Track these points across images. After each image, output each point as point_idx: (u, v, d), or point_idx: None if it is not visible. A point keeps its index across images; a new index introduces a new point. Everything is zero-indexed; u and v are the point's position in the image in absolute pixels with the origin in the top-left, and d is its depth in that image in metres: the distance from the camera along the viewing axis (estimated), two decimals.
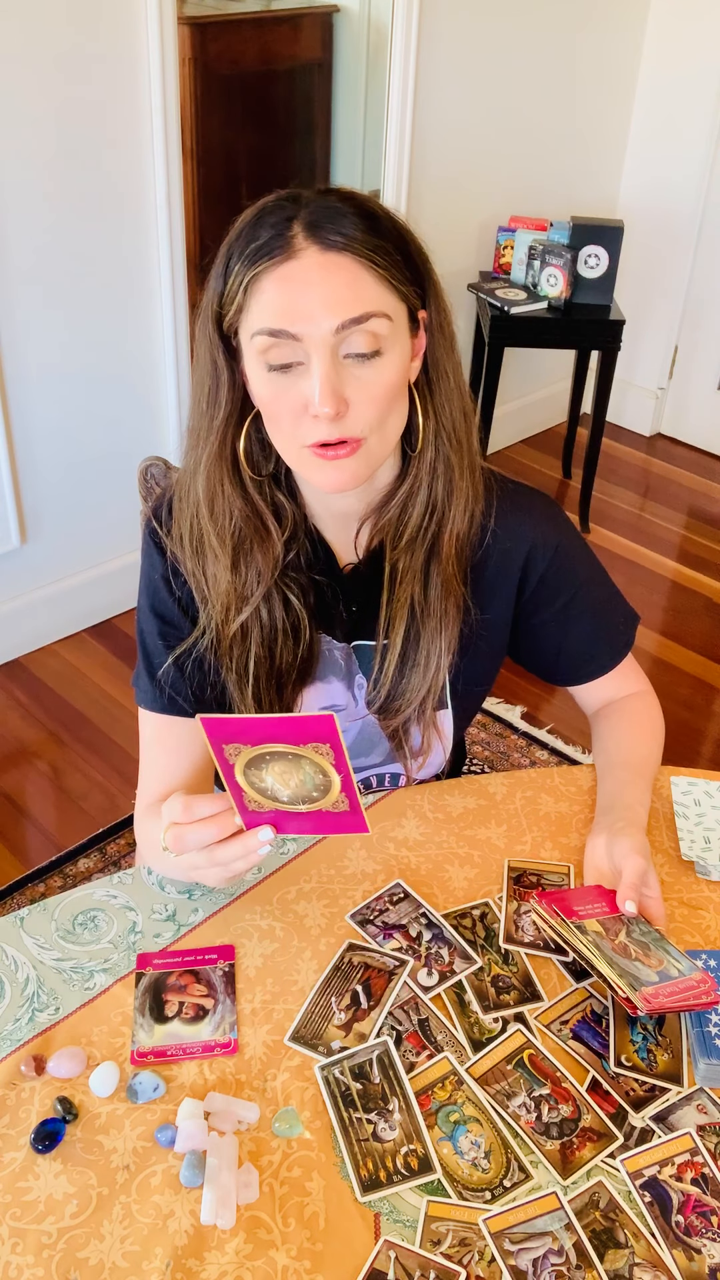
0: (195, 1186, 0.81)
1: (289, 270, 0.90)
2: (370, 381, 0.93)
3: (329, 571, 1.09)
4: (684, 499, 3.49)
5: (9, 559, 2.50)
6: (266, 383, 0.93)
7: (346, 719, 1.14)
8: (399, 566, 1.06)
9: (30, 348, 2.32)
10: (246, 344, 0.94)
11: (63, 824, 2.18)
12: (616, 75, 3.37)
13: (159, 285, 2.48)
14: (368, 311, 0.90)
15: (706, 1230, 0.82)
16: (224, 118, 3.80)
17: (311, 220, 0.90)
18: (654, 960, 0.96)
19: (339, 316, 0.89)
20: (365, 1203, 0.82)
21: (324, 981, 0.97)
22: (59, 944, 1.00)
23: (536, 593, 1.15)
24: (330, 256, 0.89)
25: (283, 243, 0.90)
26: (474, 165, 3.07)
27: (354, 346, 0.91)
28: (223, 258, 0.94)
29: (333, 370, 0.91)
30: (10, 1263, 0.78)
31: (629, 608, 1.23)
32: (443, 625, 1.08)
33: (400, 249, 0.94)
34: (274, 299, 0.90)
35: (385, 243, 0.92)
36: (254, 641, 1.06)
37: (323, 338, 0.90)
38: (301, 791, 0.85)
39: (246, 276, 0.91)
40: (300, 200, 0.92)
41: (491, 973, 0.99)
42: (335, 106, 4.04)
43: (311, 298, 0.89)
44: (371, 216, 0.92)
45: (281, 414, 0.94)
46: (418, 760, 1.16)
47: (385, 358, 0.93)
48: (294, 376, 0.92)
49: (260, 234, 0.91)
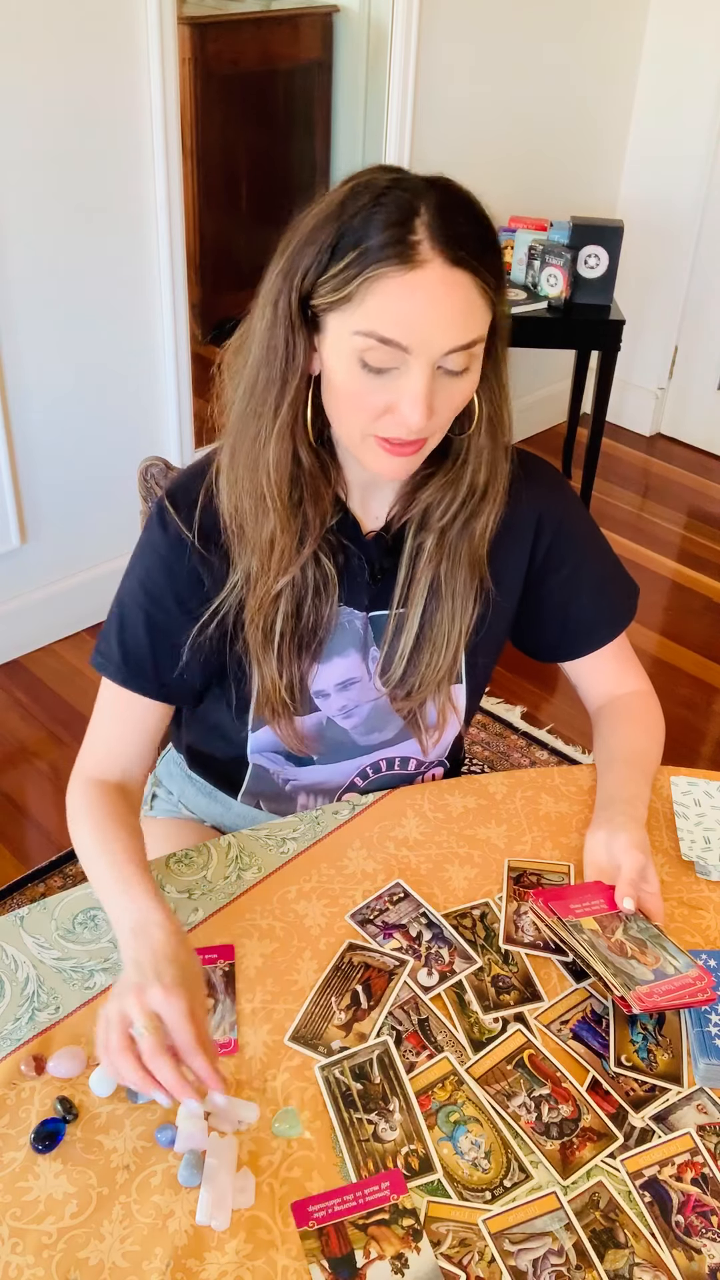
0: (194, 1186, 0.81)
1: (414, 280, 0.88)
2: (453, 393, 0.94)
3: (353, 538, 1.09)
4: (684, 499, 3.49)
5: (9, 559, 2.50)
6: (354, 378, 0.93)
7: (362, 694, 1.15)
8: (424, 545, 1.07)
9: (30, 348, 2.32)
10: (340, 334, 0.92)
11: (63, 824, 2.16)
12: (616, 75, 3.37)
13: (159, 285, 2.47)
14: (474, 339, 0.91)
15: (706, 1230, 0.82)
16: (224, 118, 3.80)
17: (437, 225, 0.88)
18: (650, 958, 0.96)
19: (455, 340, 0.90)
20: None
21: (324, 981, 0.97)
22: (59, 943, 1.00)
23: (546, 561, 1.16)
24: (454, 274, 0.88)
25: (407, 246, 0.87)
26: (474, 165, 3.06)
27: (449, 364, 0.92)
28: (323, 233, 0.90)
29: (432, 385, 0.91)
30: (10, 1263, 0.77)
31: (630, 578, 1.24)
32: (465, 605, 1.09)
33: (499, 259, 0.94)
34: (393, 306, 0.89)
35: (495, 259, 0.92)
36: (284, 601, 1.06)
37: (432, 356, 0.90)
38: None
39: (364, 273, 0.88)
40: (417, 192, 0.89)
41: (491, 973, 0.99)
42: (335, 106, 4.04)
43: (432, 317, 0.89)
44: (486, 226, 0.92)
45: (361, 408, 0.94)
46: (433, 736, 1.17)
47: (471, 372, 0.94)
48: (386, 379, 0.92)
49: (380, 227, 0.88)
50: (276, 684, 1.09)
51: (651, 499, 3.48)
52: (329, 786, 1.23)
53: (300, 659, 1.10)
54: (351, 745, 1.19)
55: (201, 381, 2.59)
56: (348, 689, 1.14)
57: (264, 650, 1.08)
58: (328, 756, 1.19)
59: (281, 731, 1.13)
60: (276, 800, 1.25)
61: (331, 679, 1.13)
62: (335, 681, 1.13)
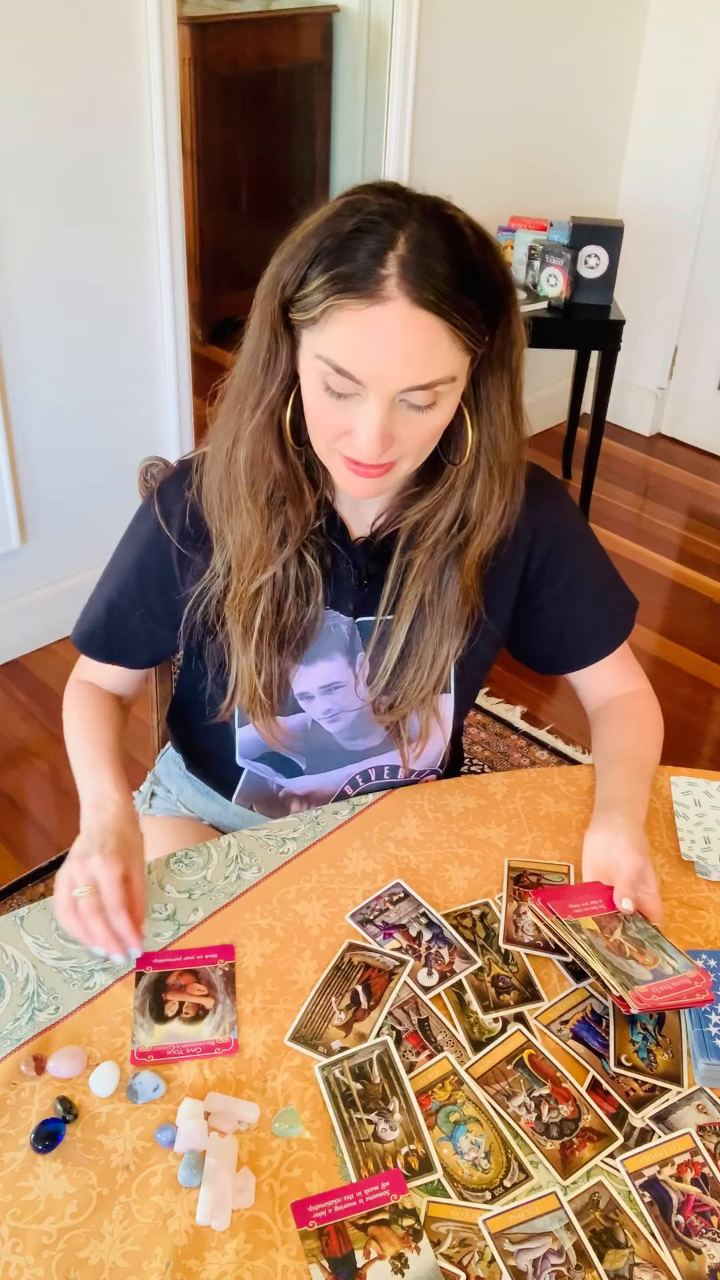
0: (194, 1186, 0.81)
1: (373, 316, 0.86)
2: (419, 426, 0.93)
3: (342, 543, 1.09)
4: (684, 499, 3.49)
5: (9, 559, 2.50)
6: (319, 397, 0.93)
7: (346, 698, 1.15)
8: (413, 562, 1.06)
9: (30, 348, 2.32)
10: (308, 351, 0.92)
11: (63, 824, 2.18)
12: (616, 75, 3.37)
13: (159, 285, 2.47)
14: (436, 379, 0.90)
15: (706, 1230, 0.82)
16: (224, 118, 3.80)
17: (409, 263, 0.86)
18: (649, 958, 0.96)
19: (410, 380, 0.89)
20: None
21: (324, 981, 0.97)
22: (59, 943, 1.00)
23: (540, 572, 1.15)
24: (418, 314, 0.86)
25: (373, 281, 0.86)
26: (474, 165, 3.06)
27: (412, 399, 0.91)
28: (305, 249, 0.90)
29: (387, 418, 0.91)
30: (10, 1263, 0.77)
31: (629, 592, 1.23)
32: (453, 630, 1.08)
33: (488, 298, 0.91)
34: (350, 339, 0.88)
35: (473, 301, 0.89)
36: (264, 598, 1.06)
37: (387, 392, 0.89)
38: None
39: (328, 299, 0.88)
40: (401, 223, 0.87)
41: (491, 973, 0.99)
42: (335, 106, 4.04)
43: (386, 355, 0.88)
44: (469, 266, 0.89)
45: (324, 427, 0.94)
46: (415, 748, 1.16)
47: (439, 408, 0.93)
48: (348, 404, 0.92)
49: (351, 255, 0.87)
50: (254, 680, 1.09)
51: (651, 499, 3.48)
52: (320, 795, 1.23)
53: (280, 656, 1.10)
54: (338, 751, 1.18)
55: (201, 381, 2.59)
56: (332, 693, 1.14)
57: (243, 643, 1.08)
58: (315, 764, 1.19)
59: (263, 729, 1.13)
60: (270, 806, 1.25)
61: (316, 682, 1.13)
62: (319, 684, 1.13)
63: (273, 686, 1.10)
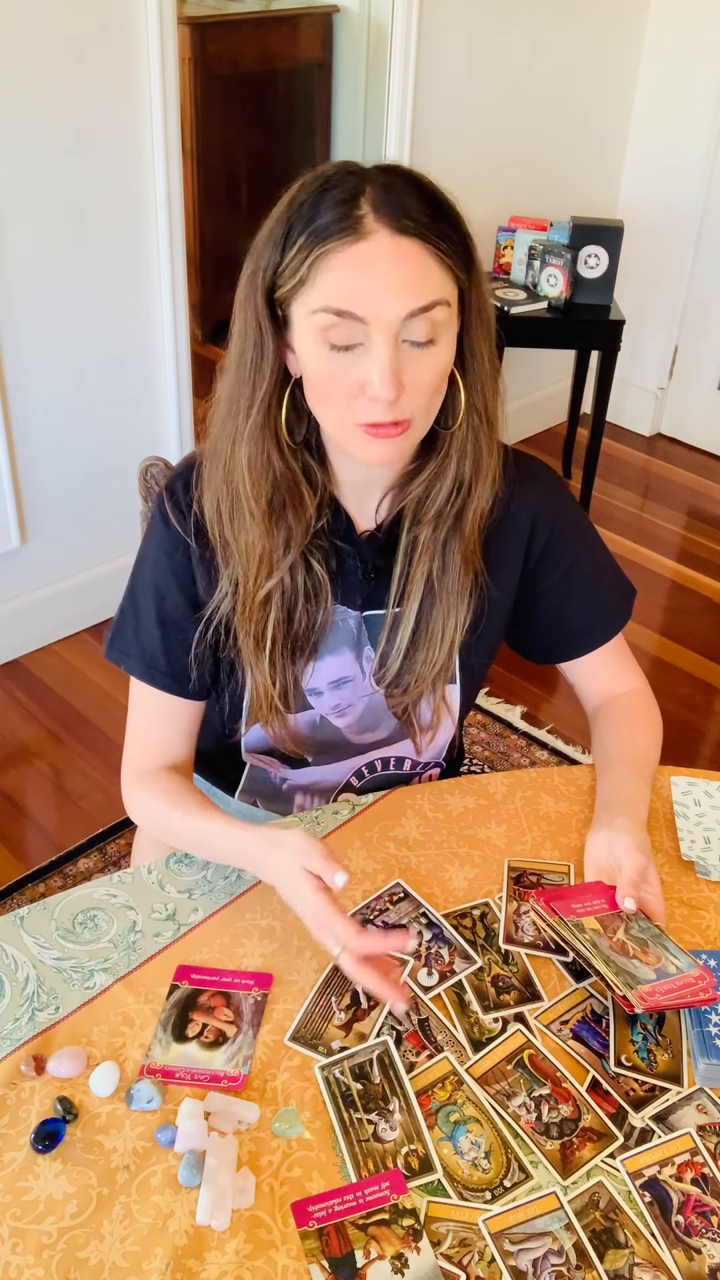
0: (194, 1186, 0.81)
1: (360, 251, 0.89)
2: (425, 366, 0.94)
3: (348, 538, 1.09)
4: (684, 499, 3.49)
5: (9, 559, 2.50)
6: (324, 360, 0.93)
7: (355, 692, 1.15)
8: (419, 539, 1.07)
9: (30, 348, 2.32)
10: (303, 319, 0.93)
11: (63, 824, 2.18)
12: (616, 75, 3.37)
13: (159, 285, 2.47)
14: (434, 300, 0.91)
15: (706, 1230, 0.82)
16: (224, 118, 3.80)
17: (381, 200, 0.89)
18: (652, 958, 0.96)
19: (409, 304, 0.90)
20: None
21: (324, 981, 0.97)
22: (59, 943, 1.00)
23: (541, 561, 1.16)
24: (401, 241, 0.89)
25: (353, 221, 0.89)
26: (474, 165, 3.06)
27: (413, 334, 0.92)
28: (279, 226, 0.93)
29: (395, 355, 0.91)
30: (10, 1263, 0.77)
31: (626, 580, 1.24)
32: (459, 601, 1.08)
33: (458, 233, 0.94)
34: (343, 279, 0.90)
35: (448, 227, 0.92)
36: (274, 606, 1.06)
37: (389, 323, 0.90)
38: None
39: (313, 253, 0.90)
40: (365, 175, 0.91)
41: (491, 973, 0.99)
42: (335, 106, 4.04)
43: (383, 283, 0.89)
44: (435, 200, 0.92)
45: (335, 391, 0.94)
46: (426, 736, 1.17)
47: (440, 345, 0.94)
48: (354, 357, 0.92)
49: (326, 209, 0.90)
50: (269, 689, 1.09)
51: (651, 499, 3.48)
52: (324, 786, 1.23)
53: (294, 663, 1.10)
54: (345, 744, 1.19)
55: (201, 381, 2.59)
56: (341, 687, 1.14)
57: (256, 656, 1.08)
58: (322, 756, 1.19)
59: (274, 732, 1.13)
60: (273, 800, 1.25)
61: (325, 677, 1.13)
62: (328, 680, 1.13)
63: (287, 692, 1.10)
